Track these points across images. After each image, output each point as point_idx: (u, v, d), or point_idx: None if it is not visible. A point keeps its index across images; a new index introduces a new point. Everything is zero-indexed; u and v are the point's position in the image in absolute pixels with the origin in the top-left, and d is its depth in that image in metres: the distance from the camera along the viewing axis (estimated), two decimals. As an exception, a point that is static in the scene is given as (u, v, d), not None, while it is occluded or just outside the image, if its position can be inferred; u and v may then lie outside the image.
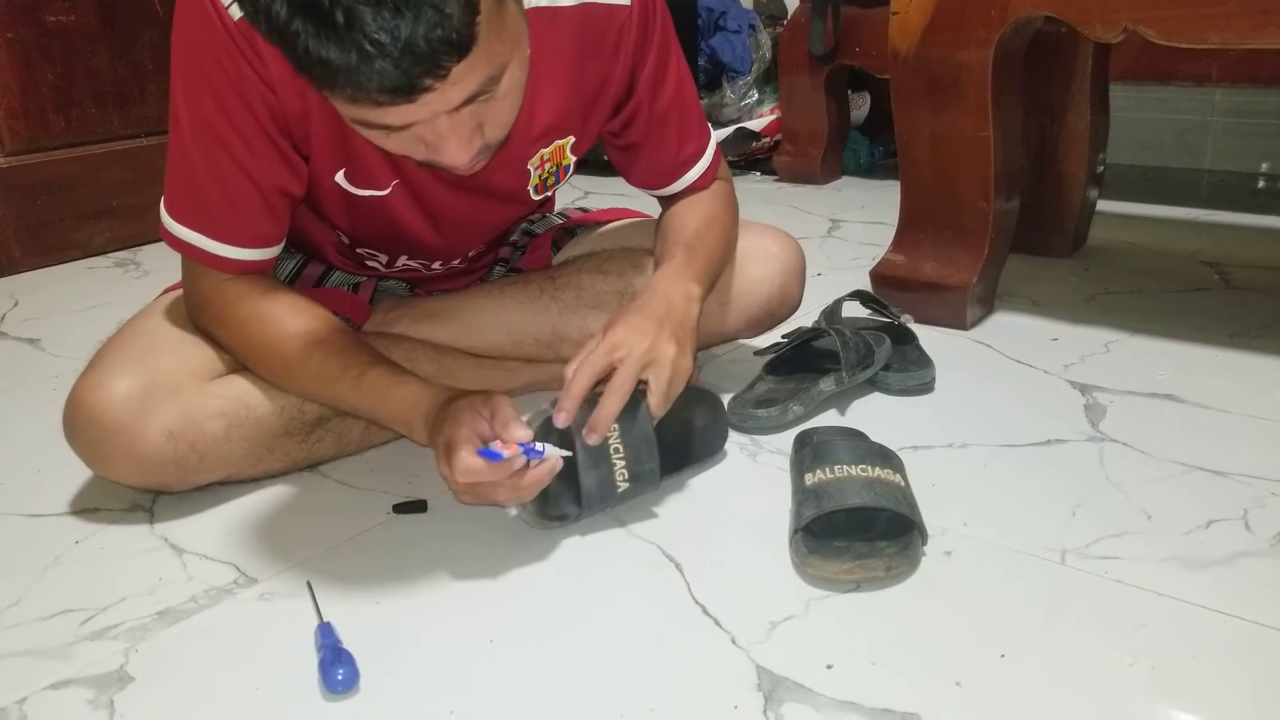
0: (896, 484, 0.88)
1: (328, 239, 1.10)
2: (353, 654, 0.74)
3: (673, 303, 0.96)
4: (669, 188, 1.14)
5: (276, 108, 0.89)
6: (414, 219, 1.03)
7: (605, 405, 0.88)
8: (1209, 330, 1.38)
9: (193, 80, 0.88)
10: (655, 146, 1.09)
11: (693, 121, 1.11)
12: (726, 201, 1.16)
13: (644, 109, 1.05)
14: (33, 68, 1.89)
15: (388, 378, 0.93)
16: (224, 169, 0.90)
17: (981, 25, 1.30)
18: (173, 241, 0.95)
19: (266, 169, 0.92)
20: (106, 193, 2.04)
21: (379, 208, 1.00)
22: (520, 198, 1.07)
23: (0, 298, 1.77)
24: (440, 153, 0.76)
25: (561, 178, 1.08)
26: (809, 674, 0.72)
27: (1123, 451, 1.05)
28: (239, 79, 0.87)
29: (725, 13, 2.71)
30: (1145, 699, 0.69)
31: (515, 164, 1.01)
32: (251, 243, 0.95)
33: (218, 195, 0.92)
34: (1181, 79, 2.17)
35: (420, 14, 0.62)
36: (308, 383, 0.96)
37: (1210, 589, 0.81)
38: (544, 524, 0.90)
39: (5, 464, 1.11)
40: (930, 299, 1.43)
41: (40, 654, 0.78)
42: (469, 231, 1.11)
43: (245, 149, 0.90)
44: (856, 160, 2.64)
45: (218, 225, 0.93)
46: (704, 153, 1.13)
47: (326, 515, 0.97)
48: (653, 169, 1.12)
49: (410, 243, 1.07)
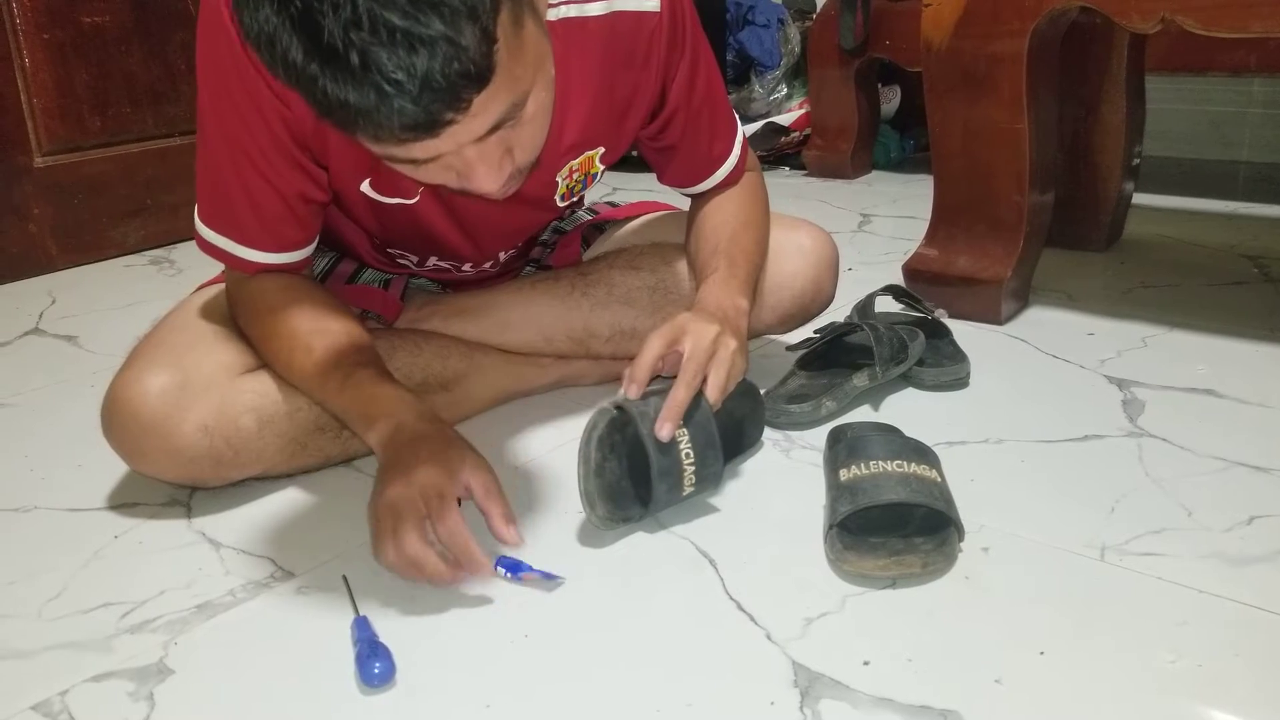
0: (933, 479, 0.87)
1: (360, 238, 1.10)
2: (389, 647, 0.74)
3: (725, 310, 0.97)
4: (701, 185, 1.14)
5: (292, 121, 0.89)
6: (443, 225, 1.03)
7: (677, 394, 0.88)
8: (1248, 324, 1.36)
9: (213, 92, 0.90)
10: (690, 146, 1.09)
11: (722, 118, 1.10)
12: (756, 196, 1.15)
13: (680, 114, 1.05)
14: (69, 68, 1.91)
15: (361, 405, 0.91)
16: (247, 177, 0.92)
17: (1016, 16, 1.29)
18: (204, 246, 0.98)
19: (288, 178, 0.93)
20: (141, 191, 2.06)
21: (407, 215, 1.00)
22: (547, 205, 1.07)
23: (38, 296, 1.79)
24: (471, 180, 0.76)
25: (589, 185, 1.08)
26: (845, 670, 0.72)
27: (1162, 447, 1.03)
28: (255, 93, 0.88)
29: (754, 7, 2.69)
30: (1188, 697, 0.68)
31: (543, 176, 1.00)
32: (278, 247, 0.97)
33: (243, 202, 0.93)
34: (1218, 69, 2.14)
35: (435, 49, 0.61)
36: (305, 390, 0.97)
37: (1253, 586, 0.80)
38: (610, 525, 0.90)
39: (45, 459, 1.13)
40: (964, 293, 1.41)
41: (81, 646, 0.79)
42: (498, 237, 1.11)
43: (265, 160, 0.91)
44: (887, 154, 2.62)
45: (244, 231, 0.95)
46: (733, 148, 1.13)
47: (361, 510, 0.97)
48: (686, 168, 1.12)
49: (440, 247, 1.08)
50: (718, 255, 1.05)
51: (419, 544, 0.79)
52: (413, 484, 0.81)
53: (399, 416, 0.89)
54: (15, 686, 0.74)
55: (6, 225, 1.87)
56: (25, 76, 1.86)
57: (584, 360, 1.22)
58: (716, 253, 1.06)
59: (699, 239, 1.11)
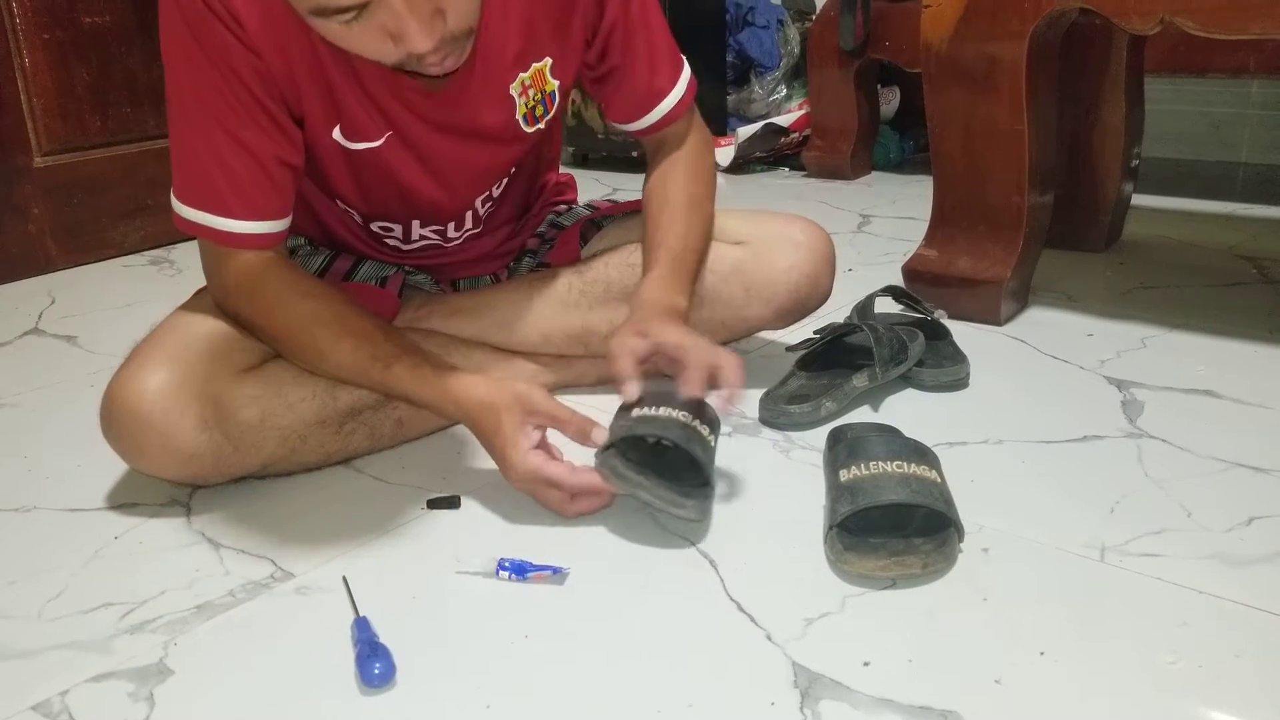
0: (933, 480, 0.87)
1: (346, 220, 1.11)
2: (389, 648, 0.74)
3: (669, 311, 1.00)
4: (646, 118, 1.14)
5: (263, 70, 0.91)
6: (411, 171, 1.04)
7: (731, 376, 0.92)
8: (1247, 325, 1.36)
9: (180, 61, 0.91)
10: (630, 70, 1.10)
11: (661, 46, 1.12)
12: (703, 166, 1.17)
13: (619, 29, 1.07)
14: (69, 69, 1.91)
15: (411, 370, 0.96)
16: (220, 144, 0.92)
17: (1015, 18, 1.29)
18: (184, 224, 0.97)
19: (261, 139, 0.94)
20: (141, 191, 2.06)
21: (377, 163, 1.01)
22: (513, 132, 1.07)
23: (38, 296, 1.79)
24: (405, 39, 0.79)
25: (550, 107, 1.09)
26: (846, 671, 0.72)
27: (1161, 448, 1.03)
28: (224, 48, 0.89)
29: (753, 8, 2.70)
30: (1187, 698, 0.68)
31: (496, 92, 1.02)
32: (256, 215, 0.96)
33: (218, 172, 0.93)
34: (1217, 71, 2.14)
35: None
36: (339, 369, 0.98)
37: (1253, 587, 0.80)
38: (704, 507, 0.91)
39: (45, 460, 1.13)
40: (964, 294, 1.41)
41: (82, 647, 0.79)
42: (469, 177, 1.11)
43: (237, 120, 0.92)
44: (886, 155, 2.62)
45: (222, 201, 0.95)
46: (676, 84, 1.14)
47: (361, 510, 0.98)
48: (629, 97, 1.13)
49: (416, 201, 1.08)
50: (660, 249, 1.08)
51: (567, 501, 0.93)
52: (519, 477, 0.92)
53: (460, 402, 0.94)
54: (15, 686, 0.74)
55: (6, 225, 1.87)
56: (25, 77, 1.86)
57: (584, 360, 1.22)
58: (659, 245, 1.08)
59: (646, 218, 1.14)
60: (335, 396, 1.02)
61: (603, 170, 2.60)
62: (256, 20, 0.89)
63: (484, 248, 1.22)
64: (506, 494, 0.97)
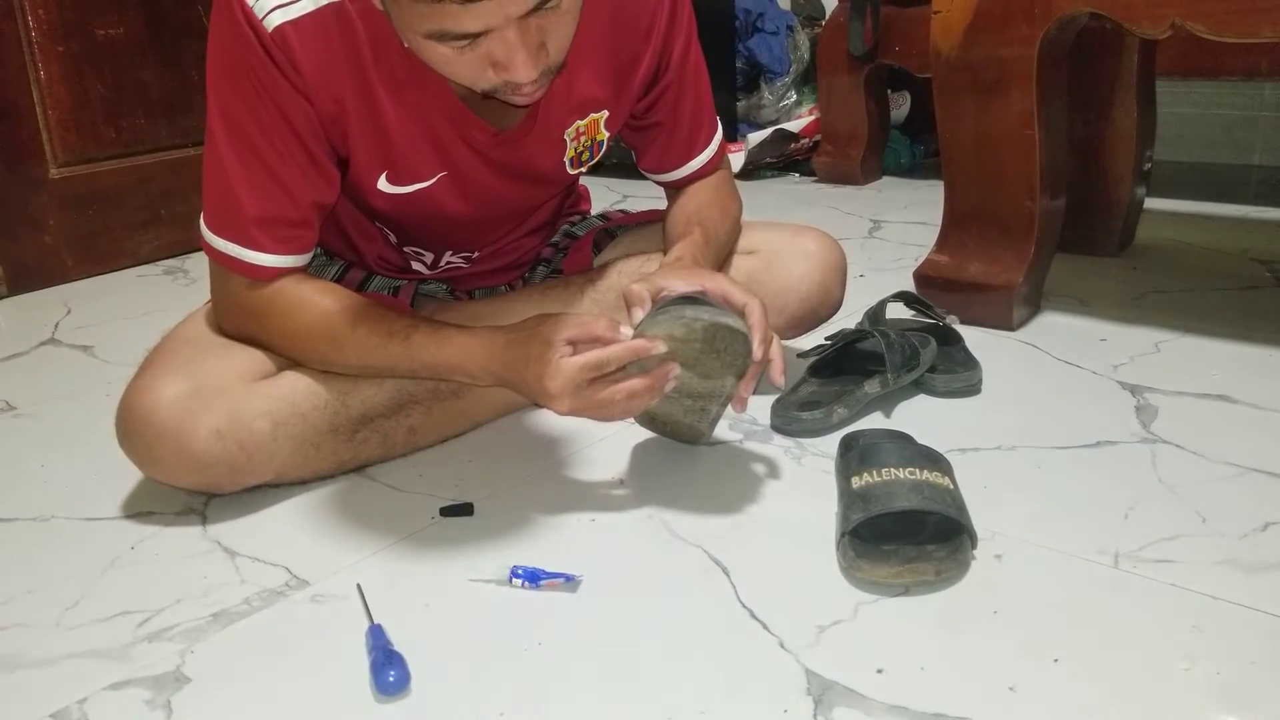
0: (945, 486, 0.87)
1: (372, 244, 1.11)
2: (403, 656, 0.74)
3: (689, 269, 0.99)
4: (678, 171, 1.17)
5: (312, 115, 0.92)
6: (456, 208, 1.06)
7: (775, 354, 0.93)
8: (1262, 329, 1.35)
9: (227, 92, 0.91)
10: (673, 127, 1.14)
11: (706, 110, 1.16)
12: (729, 190, 1.20)
13: (671, 90, 1.10)
14: (83, 80, 1.93)
15: (432, 334, 0.96)
16: (258, 180, 0.93)
17: (1025, 23, 1.29)
18: (213, 254, 0.98)
19: (299, 180, 0.95)
20: (156, 202, 2.07)
21: (422, 203, 1.03)
22: (558, 174, 1.10)
23: (54, 306, 1.80)
24: (510, 69, 0.80)
25: (595, 154, 1.11)
26: (859, 678, 0.72)
27: (1175, 453, 1.03)
28: (274, 88, 0.89)
29: (763, 14, 2.70)
30: (1203, 704, 0.68)
31: (554, 135, 1.04)
32: (286, 250, 0.98)
33: (252, 206, 0.94)
34: (1229, 74, 2.13)
35: None
36: (359, 354, 0.98)
37: (1268, 593, 0.79)
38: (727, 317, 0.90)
39: (62, 469, 1.14)
40: (975, 299, 1.41)
41: (99, 655, 0.79)
42: (509, 213, 1.14)
43: (278, 159, 0.93)
44: (897, 160, 2.62)
45: (253, 237, 0.96)
46: (711, 144, 1.18)
47: (375, 518, 0.98)
48: (666, 150, 1.16)
49: (454, 234, 1.10)
50: (693, 225, 1.10)
51: (612, 404, 0.89)
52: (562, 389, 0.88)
53: (480, 352, 0.94)
54: (34, 695, 0.75)
55: (23, 236, 1.89)
56: (40, 88, 1.87)
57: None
58: (692, 222, 1.10)
59: (673, 217, 1.15)
60: (347, 404, 1.03)
61: (614, 177, 2.60)
62: (314, 64, 0.90)
63: (502, 261, 1.23)
64: (520, 502, 0.97)
